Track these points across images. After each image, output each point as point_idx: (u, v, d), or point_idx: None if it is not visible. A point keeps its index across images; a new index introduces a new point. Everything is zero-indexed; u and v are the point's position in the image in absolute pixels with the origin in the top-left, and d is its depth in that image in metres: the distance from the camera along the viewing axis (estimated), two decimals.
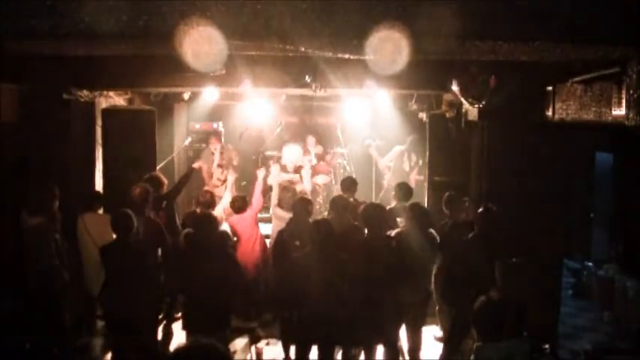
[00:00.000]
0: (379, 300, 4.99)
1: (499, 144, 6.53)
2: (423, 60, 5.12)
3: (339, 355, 5.59)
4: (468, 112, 7.03)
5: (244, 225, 6.80)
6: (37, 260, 5.44)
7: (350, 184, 7.22)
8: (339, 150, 10.04)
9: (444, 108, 7.61)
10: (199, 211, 6.29)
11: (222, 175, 8.89)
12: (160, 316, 5.95)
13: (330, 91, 7.14)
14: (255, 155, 9.84)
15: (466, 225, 5.94)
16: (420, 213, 5.58)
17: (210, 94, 7.71)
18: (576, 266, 8.95)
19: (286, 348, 5.61)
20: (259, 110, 8.84)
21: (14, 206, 5.74)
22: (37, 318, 5.38)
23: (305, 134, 9.91)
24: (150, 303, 5.20)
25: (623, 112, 4.45)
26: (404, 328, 5.53)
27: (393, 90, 7.44)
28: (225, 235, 6.35)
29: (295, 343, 5.31)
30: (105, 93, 7.47)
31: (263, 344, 6.48)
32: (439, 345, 6.14)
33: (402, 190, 6.62)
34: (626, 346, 6.85)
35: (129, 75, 6.65)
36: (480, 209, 5.67)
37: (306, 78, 6.52)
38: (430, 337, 6.45)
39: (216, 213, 6.58)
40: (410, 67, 4.72)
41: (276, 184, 7.18)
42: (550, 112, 5.87)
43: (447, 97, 7.32)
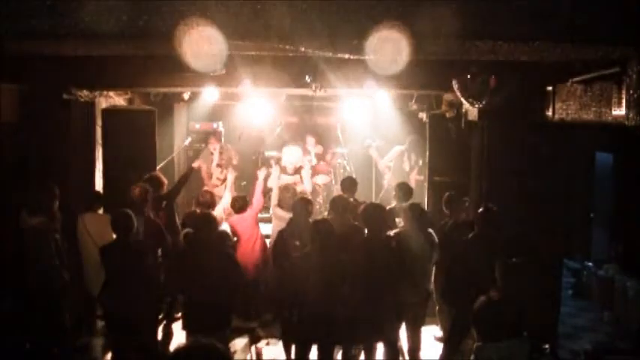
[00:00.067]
0: (379, 300, 5.00)
1: (499, 144, 6.53)
2: (423, 60, 5.12)
3: (339, 355, 5.59)
4: (468, 112, 7.03)
5: (244, 225, 6.80)
6: (37, 260, 5.44)
7: (350, 184, 7.22)
8: (339, 150, 10.03)
9: (444, 108, 7.61)
10: (199, 211, 6.29)
11: (222, 175, 8.88)
12: (160, 316, 5.95)
13: (330, 91, 7.14)
14: (255, 155, 9.83)
15: (466, 225, 5.95)
16: (419, 213, 5.59)
17: (210, 94, 7.70)
18: (576, 266, 8.95)
19: (286, 348, 5.61)
20: (259, 110, 8.83)
21: (14, 206, 5.73)
22: (37, 318, 5.37)
23: (305, 134, 9.90)
24: (150, 303, 5.20)
25: (623, 112, 4.45)
26: (404, 328, 5.54)
27: (393, 90, 7.44)
28: (225, 235, 6.36)
29: (295, 343, 5.31)
30: (105, 93, 7.48)
31: (263, 344, 6.48)
32: (439, 345, 6.14)
33: (402, 190, 6.62)
34: (626, 346, 6.84)
35: (129, 75, 6.65)
36: (480, 209, 5.68)
37: (306, 78, 6.51)
38: (430, 337, 6.46)
39: (216, 213, 6.58)
40: (410, 67, 4.72)
41: (277, 186, 7.18)
42: (550, 112, 5.87)
43: (447, 97, 7.33)
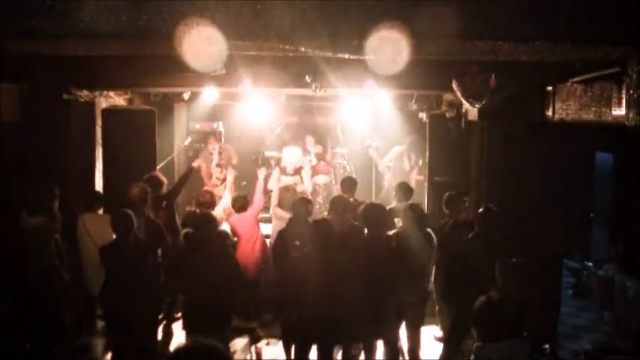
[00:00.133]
0: (379, 300, 5.00)
1: (499, 144, 6.53)
2: (423, 60, 5.11)
3: (339, 355, 5.59)
4: (468, 112, 7.03)
5: (245, 225, 6.80)
6: (37, 260, 5.44)
7: (350, 184, 7.22)
8: (339, 150, 10.04)
9: (444, 108, 7.61)
10: (199, 211, 6.29)
11: (222, 175, 8.89)
12: (160, 316, 5.95)
13: (330, 91, 7.13)
14: (255, 155, 9.82)
15: (466, 225, 5.95)
16: (419, 213, 5.59)
17: (210, 94, 7.70)
18: (576, 266, 8.94)
19: (286, 348, 5.61)
20: (259, 110, 8.83)
21: (14, 206, 5.73)
22: (37, 318, 5.37)
23: (304, 134, 9.90)
24: (150, 303, 5.21)
25: (623, 112, 4.45)
26: (404, 327, 5.54)
27: (393, 90, 7.44)
28: (225, 235, 6.36)
29: (295, 343, 5.31)
30: (105, 93, 7.47)
31: (263, 344, 6.48)
32: (439, 345, 6.14)
33: (402, 190, 6.62)
34: (626, 346, 6.84)
35: (129, 75, 6.64)
36: (480, 209, 5.68)
37: (306, 78, 6.51)
38: (430, 337, 6.46)
39: (216, 213, 6.58)
40: (410, 67, 4.71)
41: (277, 187, 7.18)
42: (550, 112, 5.87)
43: (447, 97, 7.32)
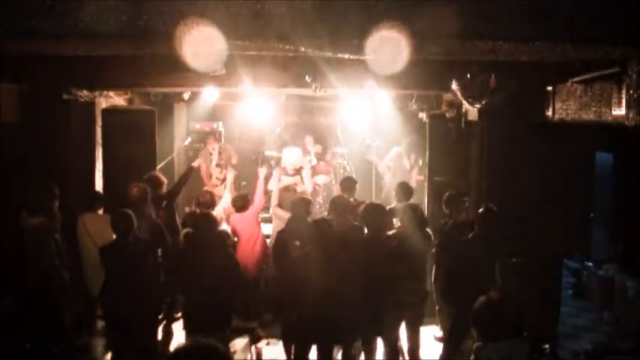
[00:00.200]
0: (379, 299, 5.00)
1: (499, 144, 6.52)
2: (423, 60, 5.11)
3: (339, 355, 5.59)
4: (468, 112, 7.03)
5: (245, 225, 6.80)
6: (37, 260, 5.44)
7: (350, 184, 7.22)
8: (339, 150, 10.04)
9: (444, 108, 7.60)
10: (199, 211, 6.29)
11: (222, 175, 8.88)
12: (160, 316, 5.95)
13: (330, 91, 7.13)
14: (255, 155, 9.83)
15: (466, 225, 5.94)
16: (418, 213, 5.59)
17: (210, 94, 7.70)
18: (576, 266, 8.94)
19: (286, 348, 5.61)
20: (259, 110, 8.83)
21: (14, 206, 5.73)
22: (37, 318, 5.37)
23: (304, 134, 9.90)
24: (150, 303, 5.21)
25: (623, 112, 4.45)
26: (404, 327, 5.54)
27: (392, 90, 7.44)
28: (225, 235, 6.36)
29: (295, 343, 5.31)
30: (105, 93, 7.47)
31: (263, 344, 6.48)
32: (439, 345, 6.14)
33: (403, 190, 6.62)
34: (626, 346, 6.84)
35: (129, 75, 6.64)
36: (480, 209, 5.68)
37: (306, 78, 6.51)
38: (430, 337, 6.46)
39: (216, 213, 6.58)
40: (410, 67, 4.70)
41: (277, 188, 7.18)
42: (550, 112, 5.87)
43: (447, 97, 7.32)
